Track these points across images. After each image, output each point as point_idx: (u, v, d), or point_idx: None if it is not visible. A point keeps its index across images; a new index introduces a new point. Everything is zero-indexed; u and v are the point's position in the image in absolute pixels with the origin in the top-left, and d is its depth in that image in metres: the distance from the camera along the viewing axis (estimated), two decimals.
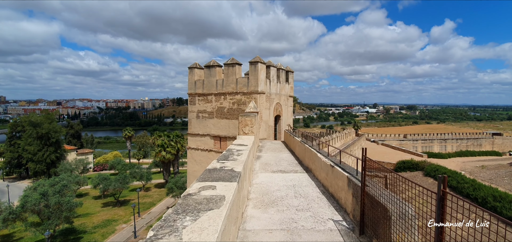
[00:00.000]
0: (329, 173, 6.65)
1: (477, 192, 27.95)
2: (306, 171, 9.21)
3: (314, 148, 9.18)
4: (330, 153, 9.89)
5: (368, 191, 4.20)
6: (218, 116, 20.67)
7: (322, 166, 7.49)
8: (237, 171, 4.66)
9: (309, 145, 9.89)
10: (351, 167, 5.92)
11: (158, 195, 50.25)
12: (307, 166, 9.77)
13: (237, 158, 5.97)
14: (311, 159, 8.95)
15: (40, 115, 69.78)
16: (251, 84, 18.86)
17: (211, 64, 20.79)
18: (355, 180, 4.96)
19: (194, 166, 21.64)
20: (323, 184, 7.46)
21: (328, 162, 6.86)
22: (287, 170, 9.50)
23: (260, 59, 18.42)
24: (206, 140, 21.23)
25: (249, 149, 7.51)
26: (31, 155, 57.44)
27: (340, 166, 6.19)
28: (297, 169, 9.62)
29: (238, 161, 5.56)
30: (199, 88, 21.64)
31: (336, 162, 6.67)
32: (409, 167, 46.02)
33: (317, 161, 7.94)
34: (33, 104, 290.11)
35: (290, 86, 24.57)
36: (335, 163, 6.57)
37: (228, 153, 6.67)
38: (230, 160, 5.74)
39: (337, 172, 5.95)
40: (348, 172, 5.51)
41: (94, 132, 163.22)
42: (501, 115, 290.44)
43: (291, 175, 8.73)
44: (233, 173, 4.52)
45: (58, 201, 31.00)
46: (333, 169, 6.35)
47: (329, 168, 6.70)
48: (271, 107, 20.90)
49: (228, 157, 6.08)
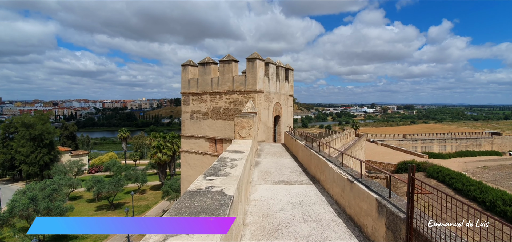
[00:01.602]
0: (346, 190, 5.37)
1: (484, 195, 26.86)
2: (312, 182, 7.89)
3: (322, 154, 7.81)
4: (330, 154, 8.67)
5: (419, 230, 2.95)
6: (213, 117, 19.33)
7: (335, 178, 6.20)
8: (228, 194, 3.39)
9: (315, 150, 8.52)
10: (376, 183, 4.66)
11: (154, 198, 48.95)
12: (313, 176, 8.46)
13: (230, 172, 4.71)
14: (319, 168, 7.62)
15: (33, 115, 68.21)
16: (248, 82, 17.54)
17: (206, 61, 19.40)
18: (390, 207, 3.64)
19: (188, 170, 20.30)
20: (336, 202, 6.16)
21: (345, 175, 5.57)
22: (291, 180, 8.20)
23: (259, 56, 17.14)
24: (201, 143, 19.89)
25: (246, 158, 6.23)
26: (24, 157, 56.19)
27: (363, 182, 4.88)
28: (302, 179, 8.33)
29: (231, 177, 4.29)
30: (193, 87, 20.28)
31: (355, 175, 5.33)
32: None
33: (328, 172, 6.63)
34: (29, 104, 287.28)
35: (290, 85, 23.27)
36: (354, 177, 5.27)
37: (220, 164, 5.42)
38: (221, 175, 4.47)
39: (359, 191, 4.66)
40: (376, 192, 4.22)
41: (90, 133, 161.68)
42: (498, 115, 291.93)
43: (296, 187, 7.40)
44: (223, 199, 3.25)
45: (47, 206, 29.87)
46: (352, 185, 5.07)
47: (346, 183, 5.43)
48: (270, 107, 19.61)
49: (219, 170, 4.82)
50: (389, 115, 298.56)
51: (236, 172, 4.66)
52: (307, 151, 9.35)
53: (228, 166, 5.27)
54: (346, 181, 5.38)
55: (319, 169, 7.71)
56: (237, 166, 5.19)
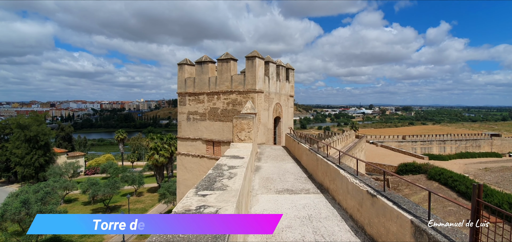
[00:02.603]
0: (366, 205, 4.58)
1: (489, 198, 26.17)
2: (320, 191, 7.06)
3: (330, 160, 6.93)
4: (332, 155, 7.89)
5: None
6: (211, 118, 18.48)
7: (349, 189, 5.36)
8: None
9: (322, 155, 7.70)
10: (404, 199, 3.85)
11: (151, 201, 48.13)
12: (320, 183, 7.63)
13: (228, 184, 3.93)
14: (329, 175, 6.83)
15: (28, 116, 67.27)
16: (248, 82, 16.72)
17: (203, 59, 18.51)
18: (436, 235, 2.73)
19: (184, 174, 19.42)
20: (352, 216, 5.31)
21: (363, 187, 4.72)
22: (296, 189, 7.36)
23: (258, 54, 16.34)
24: (198, 145, 19.03)
25: (246, 165, 5.45)
26: (19, 158, 55.46)
27: (388, 196, 4.04)
28: (308, 188, 7.48)
29: (228, 192, 3.49)
30: (190, 86, 19.40)
31: (376, 187, 4.53)
32: (411, 169, 44.49)
33: (340, 181, 5.81)
34: (26, 105, 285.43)
35: (290, 85, 22.44)
36: (376, 189, 4.45)
37: (216, 174, 4.62)
38: (217, 189, 3.68)
39: (385, 208, 3.85)
40: (409, 211, 3.41)
41: (88, 134, 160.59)
42: (495, 116, 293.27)
43: (302, 197, 6.58)
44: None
45: (39, 210, 29.08)
46: (374, 200, 4.26)
47: (365, 196, 4.62)
48: (270, 107, 18.80)
49: (214, 182, 4.04)
50: (387, 117, 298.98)
51: (235, 184, 3.88)
52: (313, 156, 8.53)
53: (225, 176, 4.49)
54: (366, 194, 4.58)
55: (328, 176, 6.90)
56: (236, 176, 4.41)
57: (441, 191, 33.51)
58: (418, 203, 20.66)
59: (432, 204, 30.61)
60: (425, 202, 32.78)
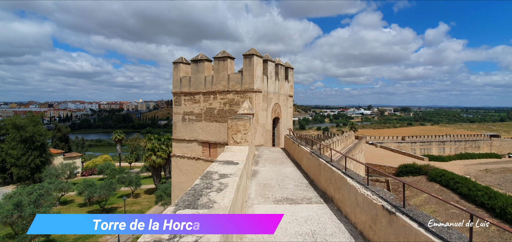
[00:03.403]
0: (381, 223, 3.84)
1: (493, 201, 25.48)
2: (324, 200, 6.32)
3: (335, 166, 6.14)
4: (331, 156, 7.21)
5: None
6: (207, 118, 17.77)
7: (359, 202, 4.64)
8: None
9: (325, 159, 6.95)
10: (428, 217, 3.18)
11: (148, 202, 47.46)
12: (323, 191, 6.92)
13: (216, 199, 3.25)
14: (333, 183, 6.18)
15: (24, 117, 66.51)
16: (245, 81, 16.02)
17: (199, 58, 17.75)
18: None
19: (179, 177, 18.70)
20: (362, 233, 4.56)
21: (378, 201, 3.97)
22: (297, 198, 6.67)
23: (256, 52, 15.64)
24: (193, 147, 18.30)
25: (241, 173, 4.78)
26: (14, 159, 54.85)
27: (409, 214, 3.33)
28: (310, 196, 6.80)
29: (215, 211, 2.81)
30: (185, 86, 18.66)
31: (392, 200, 3.75)
32: (411, 171, 43.92)
33: (347, 191, 5.17)
34: (24, 106, 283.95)
35: (289, 85, 21.71)
36: (394, 205, 3.70)
37: (203, 184, 3.91)
38: (201, 206, 3.03)
39: (406, 229, 3.04)
40: (439, 236, 2.73)
41: (86, 135, 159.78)
42: (494, 117, 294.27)
43: (304, 208, 5.90)
44: None
45: (32, 212, 28.41)
46: (392, 218, 3.54)
47: (379, 212, 3.88)
48: (268, 108, 18.11)
49: (200, 196, 3.37)
50: (386, 117, 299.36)
51: (225, 200, 3.18)
52: (315, 160, 7.82)
53: (214, 187, 3.79)
54: (381, 210, 3.85)
55: (332, 184, 6.23)
56: (227, 188, 3.71)
57: (443, 193, 32.89)
58: (419, 205, 19.93)
59: (433, 206, 29.41)
60: (427, 204, 32.20)
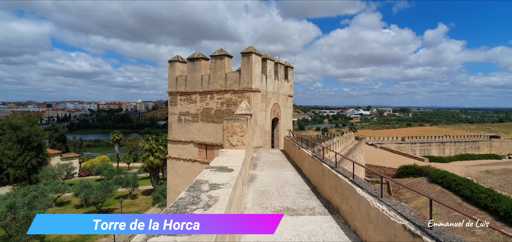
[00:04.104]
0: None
1: (497, 204, 24.94)
2: (328, 210, 5.82)
3: (341, 172, 5.43)
4: (330, 158, 6.69)
5: None
6: (203, 119, 17.25)
7: (372, 217, 3.94)
8: None
9: (329, 164, 6.28)
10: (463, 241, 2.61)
11: (145, 204, 46.93)
12: (328, 199, 6.27)
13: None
14: (340, 192, 5.58)
15: (21, 117, 65.93)
16: (243, 80, 15.52)
17: (196, 56, 17.22)
18: None
19: (175, 180, 18.16)
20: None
21: (398, 220, 3.26)
22: (298, 207, 6.07)
23: (255, 50, 15.16)
24: (190, 148, 17.78)
25: (235, 182, 4.22)
26: (10, 160, 54.40)
27: (438, 238, 2.72)
28: (313, 206, 6.18)
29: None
30: (181, 85, 18.13)
31: (414, 218, 2.98)
32: (412, 172, 43.46)
33: (356, 203, 4.55)
34: (23, 106, 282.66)
35: (289, 84, 21.19)
36: (419, 226, 3.00)
37: (190, 198, 3.32)
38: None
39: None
40: None
41: (85, 135, 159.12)
42: (492, 118, 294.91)
43: (307, 220, 5.30)
44: None
45: (26, 215, 27.85)
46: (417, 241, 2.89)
47: (400, 233, 3.16)
48: (267, 108, 17.62)
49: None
50: (385, 118, 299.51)
51: None
52: (317, 165, 7.20)
53: (202, 201, 3.18)
54: (401, 230, 3.15)
55: (338, 193, 5.71)
56: (217, 203, 3.12)
57: (445, 195, 32.48)
58: (420, 207, 19.31)
59: (435, 208, 28.94)
60: (428, 207, 31.80)
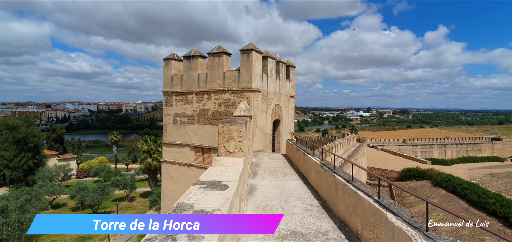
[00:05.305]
0: None
1: (506, 210, 23.95)
2: (344, 235, 4.77)
3: (360, 188, 4.26)
4: (332, 161, 5.75)
5: None
6: (200, 121, 16.32)
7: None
8: None
9: (343, 177, 4.97)
10: None
11: (143, 206, 46.03)
12: (343, 220, 5.35)
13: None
14: (361, 215, 4.52)
15: (17, 117, 65.12)
16: (242, 79, 14.57)
17: (192, 53, 16.19)
18: None
19: (169, 185, 17.20)
20: None
21: None
22: (308, 231, 4.94)
23: (255, 47, 14.24)
24: (185, 152, 16.82)
25: (229, 207, 3.34)
26: (7, 161, 53.76)
27: None
28: (326, 229, 5.03)
29: None
30: (177, 85, 17.16)
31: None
32: (415, 175, 42.55)
33: (389, 233, 3.54)
34: (22, 106, 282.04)
35: (291, 84, 20.21)
36: None
37: (161, 239, 2.35)
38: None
39: None
40: None
41: (84, 136, 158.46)
42: (492, 120, 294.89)
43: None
44: None
45: (18, 219, 26.93)
46: None
47: None
48: (268, 109, 16.69)
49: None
50: (385, 119, 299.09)
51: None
52: (328, 177, 6.16)
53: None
54: None
55: (358, 215, 4.67)
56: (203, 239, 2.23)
57: (450, 200, 31.59)
58: (424, 212, 18.30)
59: (441, 214, 27.74)
60: (434, 212, 30.79)
